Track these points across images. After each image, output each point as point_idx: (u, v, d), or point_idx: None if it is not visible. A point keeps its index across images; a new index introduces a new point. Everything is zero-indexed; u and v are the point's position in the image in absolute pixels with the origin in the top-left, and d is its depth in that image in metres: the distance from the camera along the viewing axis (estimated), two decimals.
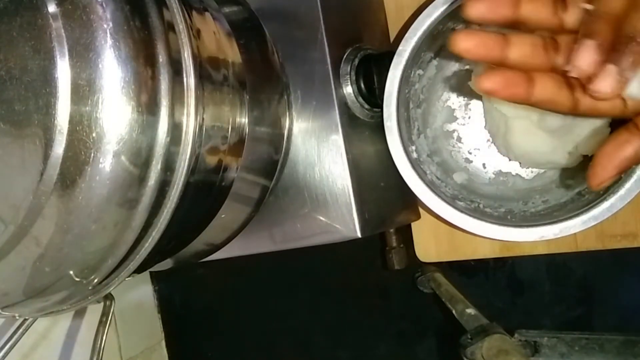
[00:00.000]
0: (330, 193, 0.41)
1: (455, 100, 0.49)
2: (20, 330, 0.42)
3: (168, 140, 0.29)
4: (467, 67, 0.48)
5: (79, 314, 0.60)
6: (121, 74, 0.27)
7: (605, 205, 0.39)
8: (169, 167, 0.30)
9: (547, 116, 0.43)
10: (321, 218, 0.42)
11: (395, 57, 0.42)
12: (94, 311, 0.54)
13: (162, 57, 0.29)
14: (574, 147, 0.44)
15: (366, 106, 0.43)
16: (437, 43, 0.45)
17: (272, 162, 0.42)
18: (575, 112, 0.29)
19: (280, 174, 0.43)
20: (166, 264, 0.44)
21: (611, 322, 0.52)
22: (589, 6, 0.27)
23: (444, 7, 0.40)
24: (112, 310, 0.46)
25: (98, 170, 0.27)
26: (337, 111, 0.41)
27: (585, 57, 0.27)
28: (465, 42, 0.28)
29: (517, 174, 0.48)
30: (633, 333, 0.43)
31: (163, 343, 0.72)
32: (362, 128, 0.44)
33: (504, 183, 0.48)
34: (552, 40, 0.29)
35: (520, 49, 0.29)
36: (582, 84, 0.28)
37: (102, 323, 0.46)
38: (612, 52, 0.26)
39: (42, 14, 0.27)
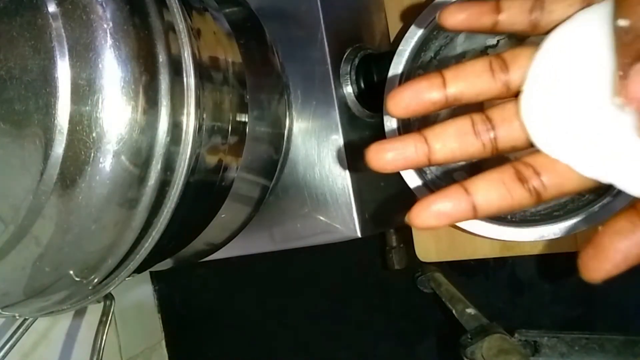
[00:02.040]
0: (330, 193, 0.41)
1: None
2: (21, 330, 0.43)
3: (168, 140, 0.29)
4: None
5: (79, 314, 0.60)
6: (121, 74, 0.27)
7: (605, 205, 0.39)
8: (169, 167, 0.30)
9: None
10: (321, 218, 0.42)
11: (395, 57, 0.42)
12: (94, 311, 0.54)
13: (162, 57, 0.29)
14: None
15: (366, 106, 0.43)
16: (437, 43, 0.45)
17: (272, 162, 0.42)
18: (539, 203, 0.25)
19: (280, 174, 0.43)
20: (166, 264, 0.44)
21: (611, 322, 0.52)
22: (624, 22, 0.22)
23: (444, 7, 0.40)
24: (112, 310, 0.47)
25: (98, 170, 0.27)
26: (337, 111, 0.41)
27: None
28: (380, 157, 0.26)
29: None
30: (633, 333, 0.43)
31: (163, 343, 0.72)
32: (362, 128, 0.44)
33: None
34: (482, 118, 0.25)
35: (444, 145, 0.25)
36: (537, 170, 0.24)
37: (102, 323, 0.46)
38: None
39: (42, 13, 0.27)
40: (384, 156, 0.26)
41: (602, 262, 0.22)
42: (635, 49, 0.21)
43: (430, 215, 0.24)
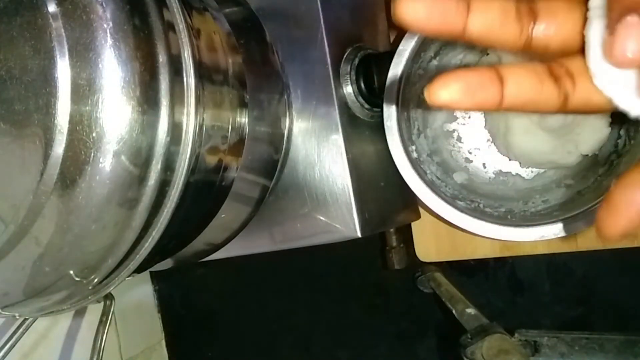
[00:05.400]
0: (330, 193, 0.41)
1: None
2: (20, 330, 0.42)
3: (168, 140, 0.29)
4: (467, 65, 0.48)
5: (79, 314, 0.60)
6: (121, 74, 0.27)
7: None
8: (169, 166, 0.30)
9: (547, 115, 0.43)
10: (321, 218, 0.42)
11: (395, 57, 0.42)
12: (94, 311, 0.54)
13: (162, 57, 0.29)
14: (574, 147, 0.44)
15: (366, 106, 0.43)
16: (437, 43, 0.45)
17: (272, 161, 0.42)
18: (564, 109, 0.23)
19: (280, 174, 0.43)
20: (166, 264, 0.44)
21: (611, 322, 0.52)
22: None
23: None
24: (112, 310, 0.46)
25: (98, 170, 0.27)
26: (337, 111, 0.41)
27: (635, 40, 0.19)
28: (412, 10, 0.21)
29: (517, 174, 0.48)
30: (633, 333, 0.43)
31: (163, 343, 0.72)
32: (362, 128, 0.44)
33: (504, 183, 0.48)
34: (526, 5, 0.23)
35: (485, 16, 0.22)
36: (570, 72, 0.22)
37: (102, 323, 0.46)
38: None
39: (42, 13, 0.27)
40: (418, 9, 0.21)
41: (616, 217, 0.21)
42: (623, 4, 0.20)
43: (454, 89, 0.21)
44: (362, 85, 0.43)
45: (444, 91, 0.21)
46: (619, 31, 0.20)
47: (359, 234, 0.41)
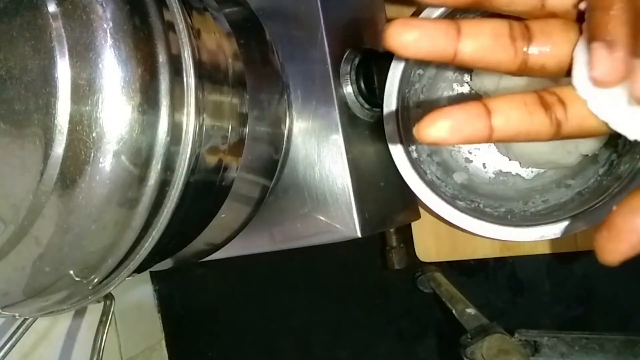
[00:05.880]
0: (330, 193, 0.41)
1: (455, 100, 0.49)
2: (20, 330, 0.43)
3: (168, 140, 0.29)
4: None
5: (79, 314, 0.60)
6: (121, 74, 0.27)
7: (605, 205, 0.39)
8: (169, 166, 0.30)
9: None
10: (321, 218, 0.42)
11: (395, 57, 0.42)
12: (94, 311, 0.54)
13: (162, 57, 0.29)
14: (574, 147, 0.44)
15: (366, 106, 0.43)
16: None
17: (272, 161, 0.42)
18: (558, 136, 0.23)
19: (280, 174, 0.43)
20: (166, 264, 0.44)
21: (611, 322, 0.52)
22: (583, 5, 0.22)
23: (444, 7, 0.40)
24: (112, 310, 0.46)
25: (98, 170, 0.27)
26: (337, 111, 0.41)
27: (604, 63, 0.20)
28: (401, 36, 0.22)
29: (517, 174, 0.48)
30: (633, 333, 0.43)
31: (163, 343, 0.72)
32: (362, 128, 0.44)
33: (504, 183, 0.48)
34: (520, 26, 0.23)
35: (477, 40, 0.23)
36: (562, 100, 0.22)
37: (102, 323, 0.46)
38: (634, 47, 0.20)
39: (42, 13, 0.27)
40: (406, 36, 0.22)
41: (618, 244, 0.21)
42: (589, 29, 0.21)
43: (442, 127, 0.21)
44: (362, 85, 0.43)
45: (432, 129, 0.21)
46: (593, 53, 0.21)
47: (359, 234, 0.41)
